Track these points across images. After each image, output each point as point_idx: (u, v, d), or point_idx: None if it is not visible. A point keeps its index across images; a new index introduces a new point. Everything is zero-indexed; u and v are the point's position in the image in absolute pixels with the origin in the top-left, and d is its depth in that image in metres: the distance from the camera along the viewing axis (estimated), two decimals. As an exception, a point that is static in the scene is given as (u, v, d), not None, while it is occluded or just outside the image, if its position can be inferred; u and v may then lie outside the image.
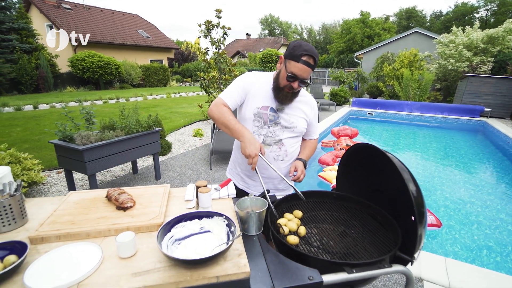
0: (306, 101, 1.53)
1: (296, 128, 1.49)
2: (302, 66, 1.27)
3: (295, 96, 1.43)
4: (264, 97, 1.45)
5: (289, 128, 1.48)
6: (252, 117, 1.45)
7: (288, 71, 1.31)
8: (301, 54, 1.26)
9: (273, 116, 1.45)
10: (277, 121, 1.46)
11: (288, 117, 1.47)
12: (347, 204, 1.42)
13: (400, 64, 13.01)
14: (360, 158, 1.42)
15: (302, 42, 1.30)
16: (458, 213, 3.67)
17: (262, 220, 1.15)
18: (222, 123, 1.36)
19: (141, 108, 9.61)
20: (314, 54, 1.28)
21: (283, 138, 1.49)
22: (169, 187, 1.36)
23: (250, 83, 1.45)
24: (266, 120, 1.45)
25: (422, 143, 6.95)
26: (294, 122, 1.48)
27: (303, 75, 1.30)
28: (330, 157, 4.69)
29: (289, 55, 1.31)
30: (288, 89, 1.36)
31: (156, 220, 1.05)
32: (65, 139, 2.87)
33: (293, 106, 1.48)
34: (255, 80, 1.47)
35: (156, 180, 3.79)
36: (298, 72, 1.29)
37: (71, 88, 15.69)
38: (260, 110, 1.44)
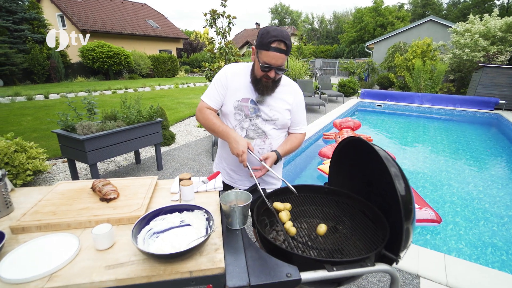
0: (291, 90, 1.47)
1: (278, 120, 1.44)
2: (273, 54, 1.21)
3: (276, 85, 1.37)
4: (244, 89, 1.40)
5: (270, 121, 1.44)
6: (232, 110, 1.41)
7: (260, 61, 1.25)
8: (269, 41, 1.20)
9: (254, 108, 1.41)
10: (258, 113, 1.42)
11: (269, 109, 1.41)
12: (338, 199, 1.38)
13: (413, 54, 12.59)
14: (352, 152, 1.37)
15: (270, 28, 1.23)
16: (464, 209, 3.58)
17: (246, 214, 1.13)
18: (208, 127, 1.40)
19: (148, 99, 9.67)
20: (284, 38, 1.20)
21: (267, 131, 1.44)
22: (157, 178, 1.35)
23: (229, 78, 1.40)
24: (247, 113, 1.40)
25: (432, 136, 6.76)
26: (276, 115, 1.43)
27: (277, 63, 1.24)
28: (331, 150, 4.62)
29: (259, 45, 1.25)
30: (266, 78, 1.31)
31: (137, 212, 1.04)
32: (67, 129, 2.91)
33: (276, 97, 1.42)
34: (234, 73, 1.41)
35: (158, 170, 3.82)
36: (270, 60, 1.23)
37: (82, 78, 15.89)
38: (240, 102, 1.40)
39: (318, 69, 20.55)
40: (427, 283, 1.86)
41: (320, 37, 45.90)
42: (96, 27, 17.95)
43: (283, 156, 1.46)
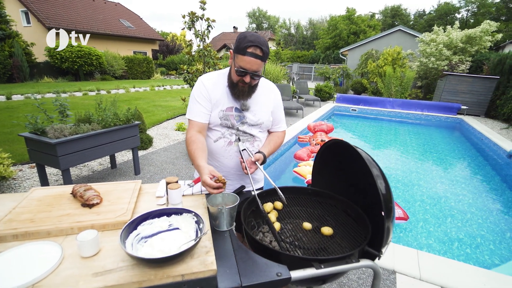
0: (269, 92, 1.50)
1: (263, 124, 1.48)
2: (249, 59, 1.22)
3: (253, 91, 1.39)
4: (226, 98, 1.40)
5: (256, 125, 1.46)
6: (218, 121, 1.40)
7: (236, 65, 1.27)
8: (246, 46, 1.21)
9: (239, 116, 1.42)
10: (244, 120, 1.43)
11: (253, 115, 1.44)
12: (321, 199, 1.43)
13: (384, 62, 13.26)
14: (334, 154, 1.43)
15: (247, 33, 1.25)
16: (433, 208, 3.81)
17: (234, 215, 1.14)
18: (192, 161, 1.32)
19: (123, 101, 9.34)
20: (260, 44, 1.21)
21: (254, 134, 1.47)
22: (140, 183, 1.32)
23: (209, 89, 1.39)
24: (233, 122, 1.41)
25: (403, 140, 7.14)
26: (260, 119, 1.46)
27: (252, 68, 1.24)
28: (305, 152, 4.74)
29: (236, 49, 1.26)
30: (242, 83, 1.32)
31: (122, 217, 1.01)
32: (36, 132, 2.74)
33: (258, 101, 1.44)
34: (212, 84, 1.40)
35: (135, 175, 3.70)
36: (246, 65, 1.23)
37: (49, 79, 15.00)
38: (225, 112, 1.40)
39: (295, 74, 20.98)
40: (402, 278, 1.96)
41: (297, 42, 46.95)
42: (65, 25, 17.05)
43: (268, 156, 1.49)
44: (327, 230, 1.16)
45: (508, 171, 5.05)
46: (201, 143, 1.31)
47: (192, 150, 1.28)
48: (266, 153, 1.45)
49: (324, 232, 1.17)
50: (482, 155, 6.02)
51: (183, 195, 1.27)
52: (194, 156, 1.25)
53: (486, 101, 9.36)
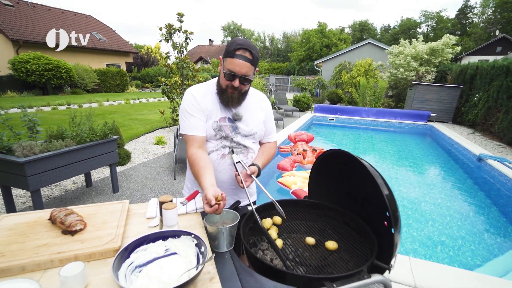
0: (260, 101, 1.47)
1: (256, 134, 1.44)
2: (238, 61, 1.19)
3: (243, 98, 1.34)
4: (218, 107, 1.35)
5: (249, 136, 1.42)
6: (213, 132, 1.34)
7: (225, 69, 1.24)
8: (234, 48, 1.19)
9: (232, 126, 1.37)
10: (237, 131, 1.38)
11: (246, 125, 1.39)
12: (320, 212, 1.39)
13: (357, 73, 13.85)
14: (331, 164, 1.40)
15: (237, 38, 1.24)
16: (414, 212, 3.91)
17: (234, 234, 1.06)
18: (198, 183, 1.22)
19: (97, 115, 8.92)
20: (249, 47, 1.20)
21: (248, 145, 1.42)
22: (128, 203, 1.20)
23: (200, 100, 1.32)
24: (227, 132, 1.36)
25: (379, 147, 7.39)
26: (253, 129, 1.42)
27: (241, 71, 1.21)
28: (288, 163, 4.74)
29: (225, 53, 1.24)
30: (231, 89, 1.27)
31: (111, 244, 0.90)
32: (1, 150, 2.49)
33: (250, 111, 1.41)
34: (201, 95, 1.34)
35: (113, 193, 3.47)
36: (235, 68, 1.20)
37: (13, 93, 14.08)
38: (219, 123, 1.34)
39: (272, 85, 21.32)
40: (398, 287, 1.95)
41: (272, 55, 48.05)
42: (31, 37, 16.26)
43: (263, 168, 1.44)
44: (332, 245, 1.12)
45: (478, 173, 5.35)
46: (203, 161, 1.22)
47: (196, 171, 1.20)
48: (260, 165, 1.39)
49: (329, 246, 1.12)
50: (454, 159, 6.35)
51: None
52: (198, 176, 1.17)
53: (452, 108, 9.99)
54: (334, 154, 1.35)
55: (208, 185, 1.08)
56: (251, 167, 1.33)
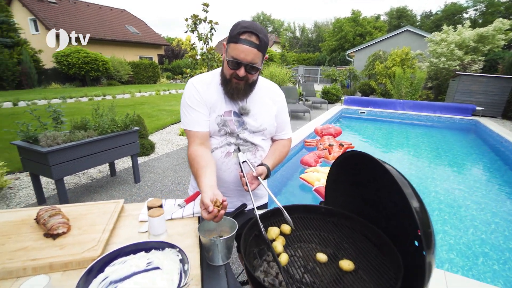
0: (272, 93, 1.30)
1: (266, 130, 1.27)
2: (242, 47, 1.02)
3: (250, 89, 1.18)
4: (223, 100, 1.20)
5: (258, 132, 1.26)
6: (216, 128, 1.20)
7: (228, 56, 1.07)
8: (239, 32, 1.02)
9: (238, 121, 1.22)
10: (244, 126, 1.23)
11: (254, 120, 1.23)
12: (337, 220, 1.21)
13: (392, 63, 12.94)
14: (352, 167, 1.21)
15: (241, 21, 1.07)
16: (452, 217, 3.53)
17: (231, 246, 0.93)
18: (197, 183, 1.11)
19: (128, 106, 9.26)
20: (256, 30, 1.03)
21: (257, 143, 1.26)
22: (122, 203, 1.12)
23: (202, 92, 1.18)
24: (233, 128, 1.21)
25: (415, 143, 6.84)
26: (263, 124, 1.25)
27: (246, 58, 1.04)
28: (312, 158, 4.50)
29: (228, 38, 1.08)
30: (236, 79, 1.11)
31: (91, 252, 0.81)
32: (28, 140, 2.59)
33: (259, 104, 1.24)
34: (204, 85, 1.20)
35: (135, 183, 3.52)
36: (239, 55, 1.03)
37: (56, 85, 15.13)
38: (223, 117, 1.20)
39: (301, 76, 20.74)
40: (429, 306, 1.71)
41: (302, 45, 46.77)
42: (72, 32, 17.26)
43: (273, 169, 1.28)
44: (347, 265, 0.94)
45: (532, 176, 4.72)
46: (204, 160, 1.08)
47: (195, 171, 1.07)
48: (270, 165, 1.23)
49: (343, 267, 0.94)
50: (502, 159, 5.67)
51: (171, 218, 1.06)
52: (197, 177, 1.04)
53: (502, 101, 8.96)
54: (355, 156, 1.15)
55: (206, 187, 0.94)
56: (258, 168, 1.18)
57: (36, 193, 2.91)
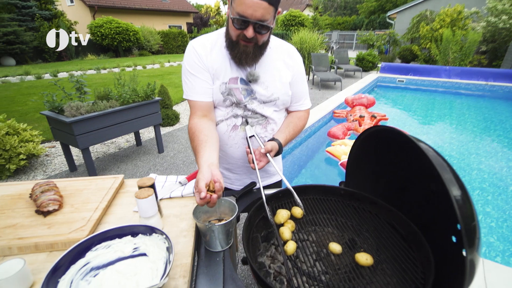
0: (285, 57, 1.10)
1: (279, 100, 1.10)
2: (249, 1, 0.83)
3: (261, 52, 1.00)
4: (229, 65, 1.03)
5: (269, 102, 1.09)
6: (220, 97, 1.05)
7: (233, 13, 0.88)
8: None
9: (246, 90, 1.05)
10: (253, 95, 1.07)
11: (264, 88, 1.06)
12: (358, 204, 1.05)
13: (440, 24, 11.44)
14: (380, 145, 1.02)
15: None
16: (497, 198, 3.17)
17: (230, 231, 0.83)
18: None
19: (156, 76, 9.36)
20: None
21: (268, 115, 1.11)
22: (122, 178, 1.05)
23: (203, 57, 1.02)
24: (239, 98, 1.05)
25: (459, 114, 6.16)
26: (274, 94, 1.08)
27: (255, 14, 0.85)
28: (340, 130, 4.21)
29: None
30: (244, 40, 0.93)
31: (78, 233, 0.76)
32: (54, 110, 2.66)
33: (271, 69, 1.06)
34: (207, 48, 1.03)
35: (159, 153, 3.58)
36: (246, 10, 0.85)
37: (92, 56, 15.71)
38: (228, 85, 1.04)
39: (335, 43, 19.35)
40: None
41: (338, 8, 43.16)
42: (104, 2, 17.45)
43: (286, 145, 1.13)
44: (365, 259, 0.80)
45: None
46: (204, 134, 0.95)
47: (194, 147, 0.95)
48: (282, 141, 1.08)
49: (360, 261, 0.81)
50: None
51: (170, 196, 0.98)
52: (195, 153, 0.92)
53: None
54: (384, 132, 0.96)
55: (204, 166, 0.82)
56: (268, 143, 1.04)
57: (68, 161, 3.06)
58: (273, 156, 1.05)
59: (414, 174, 0.90)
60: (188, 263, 0.70)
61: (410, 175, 0.92)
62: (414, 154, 0.82)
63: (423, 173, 0.84)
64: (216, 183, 0.76)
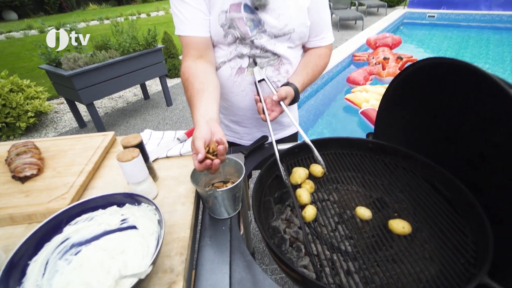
0: None
1: (294, 33, 0.86)
2: None
3: None
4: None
5: (281, 37, 0.86)
6: (220, 32, 0.82)
7: None
8: None
9: (252, 20, 0.81)
10: (261, 27, 0.83)
11: (275, 17, 0.82)
12: (390, 160, 0.88)
13: None
14: (425, 85, 0.80)
15: None
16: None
17: (237, 197, 0.69)
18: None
19: (161, 24, 8.78)
20: None
21: (280, 53, 0.88)
22: (112, 135, 0.91)
23: None
24: (244, 31, 0.82)
25: (499, 53, 5.47)
26: (289, 24, 0.83)
27: None
28: (361, 75, 3.82)
29: None
30: None
31: (58, 202, 0.65)
32: (51, 63, 2.49)
33: None
34: None
35: (167, 106, 3.43)
36: None
37: (94, 6, 14.88)
38: (229, 14, 0.80)
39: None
40: None
41: None
42: None
43: (303, 90, 0.93)
44: (401, 227, 0.66)
45: None
46: (200, 81, 0.76)
47: (189, 97, 0.76)
48: (298, 86, 0.88)
49: (394, 229, 0.66)
50: None
51: (166, 156, 0.84)
52: (191, 106, 0.74)
53: None
54: (435, 66, 0.73)
55: (201, 122, 0.64)
56: (281, 89, 0.84)
57: (76, 118, 2.99)
58: (288, 104, 0.86)
59: (471, 123, 0.70)
60: (187, 237, 0.58)
61: (463, 124, 0.72)
62: (479, 96, 0.61)
63: (485, 121, 0.64)
64: (220, 145, 0.59)
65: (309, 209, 0.71)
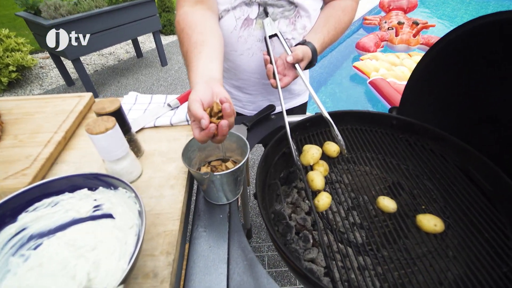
0: None
1: None
2: None
3: None
4: None
5: None
6: None
7: None
8: None
9: None
10: None
11: None
12: (416, 141, 0.75)
13: None
14: (472, 54, 0.65)
15: None
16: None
17: (238, 180, 0.58)
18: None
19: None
20: None
21: (299, 1, 0.70)
22: (90, 97, 0.76)
23: None
24: None
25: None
26: None
27: None
28: (372, 41, 3.55)
29: None
30: None
31: (18, 179, 0.52)
32: (29, 11, 2.21)
33: None
34: None
35: (162, 66, 3.19)
36: None
37: None
38: None
39: None
40: None
41: None
42: None
43: (322, 51, 0.77)
44: (432, 225, 0.55)
45: None
46: (198, 32, 0.60)
47: (184, 52, 0.61)
48: (317, 45, 0.72)
49: (424, 226, 0.56)
50: None
51: (154, 125, 0.70)
52: (187, 62, 0.59)
53: None
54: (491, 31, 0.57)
55: (200, 83, 0.50)
56: (297, 48, 0.68)
57: (63, 75, 2.76)
58: (304, 68, 0.71)
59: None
60: (176, 231, 0.47)
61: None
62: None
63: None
64: (225, 103, 0.45)
65: (323, 196, 0.60)
